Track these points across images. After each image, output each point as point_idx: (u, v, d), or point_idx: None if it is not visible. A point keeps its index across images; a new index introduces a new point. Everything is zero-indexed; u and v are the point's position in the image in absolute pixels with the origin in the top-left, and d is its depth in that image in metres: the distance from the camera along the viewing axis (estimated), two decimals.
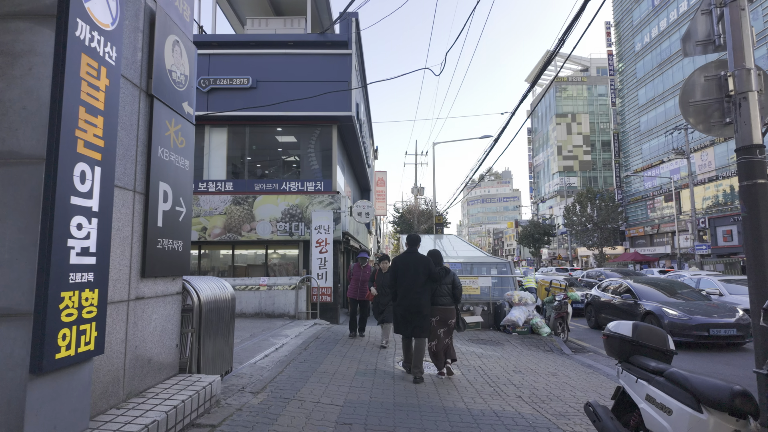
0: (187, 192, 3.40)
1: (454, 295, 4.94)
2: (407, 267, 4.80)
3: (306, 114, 10.69)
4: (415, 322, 4.63)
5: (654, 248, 41.17)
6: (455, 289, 4.95)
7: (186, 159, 3.43)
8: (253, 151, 11.74)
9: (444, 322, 4.87)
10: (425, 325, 4.67)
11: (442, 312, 4.87)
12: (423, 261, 4.82)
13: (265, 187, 10.91)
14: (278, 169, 11.75)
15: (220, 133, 11.29)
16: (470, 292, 9.22)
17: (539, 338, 8.26)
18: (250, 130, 11.48)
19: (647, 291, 9.03)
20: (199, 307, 3.43)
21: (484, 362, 5.91)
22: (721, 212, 33.95)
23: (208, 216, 10.68)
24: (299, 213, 10.56)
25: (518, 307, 8.68)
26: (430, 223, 31.38)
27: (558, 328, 8.65)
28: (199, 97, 10.87)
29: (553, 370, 5.78)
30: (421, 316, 4.64)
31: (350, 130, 11.64)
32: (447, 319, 4.89)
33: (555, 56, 7.32)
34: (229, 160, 11.35)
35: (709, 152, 35.33)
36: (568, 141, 62.18)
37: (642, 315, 8.46)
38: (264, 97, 10.69)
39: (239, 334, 6.99)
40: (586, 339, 9.07)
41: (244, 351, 5.45)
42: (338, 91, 10.16)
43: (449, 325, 4.92)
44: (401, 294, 4.74)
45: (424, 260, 4.83)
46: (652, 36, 42.69)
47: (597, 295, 10.45)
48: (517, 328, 8.51)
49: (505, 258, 10.83)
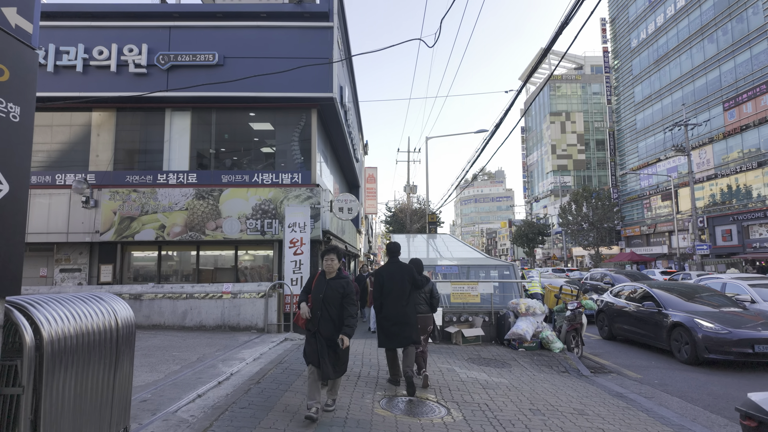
0: (12, 158, 2.04)
1: (431, 303, 5.08)
2: (392, 277, 4.70)
3: (281, 95, 9.33)
4: (404, 333, 4.57)
5: (650, 248, 40.38)
6: (432, 298, 5.08)
7: (13, 103, 2.06)
8: (222, 139, 10.33)
9: (424, 329, 5.01)
10: (414, 333, 4.62)
11: (422, 320, 4.98)
12: (407, 270, 4.78)
13: (234, 179, 9.52)
14: (251, 159, 10.36)
15: (182, 117, 9.88)
16: (468, 299, 7.93)
17: (550, 355, 7.00)
18: (218, 114, 10.07)
19: (672, 298, 7.82)
20: (40, 347, 2.08)
21: (492, 396, 4.61)
22: (720, 211, 33.20)
23: (168, 212, 9.26)
24: (273, 209, 9.19)
25: (525, 318, 7.41)
26: (423, 222, 30.13)
27: (571, 342, 7.40)
28: (158, 75, 9.46)
29: (579, 406, 4.50)
30: (410, 326, 4.60)
31: (332, 115, 10.29)
32: (426, 326, 5.05)
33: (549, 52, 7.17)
34: (194, 149, 9.94)
35: (708, 150, 34.56)
36: (562, 140, 61.44)
37: (669, 327, 7.24)
38: (232, 76, 9.31)
39: (183, 356, 5.61)
40: (602, 354, 7.83)
41: (173, 388, 4.09)
42: (317, 65, 8.82)
43: (428, 331, 5.11)
44: (388, 305, 4.61)
45: (408, 269, 4.79)
46: (648, 32, 41.93)
47: (610, 302, 9.23)
48: (524, 343, 7.24)
49: (504, 258, 9.55)
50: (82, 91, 9.35)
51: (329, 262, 3.71)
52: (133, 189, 9.42)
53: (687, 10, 36.95)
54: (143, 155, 10.03)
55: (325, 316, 3.55)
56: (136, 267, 10.18)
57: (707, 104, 34.39)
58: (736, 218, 31.56)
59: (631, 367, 6.77)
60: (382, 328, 4.64)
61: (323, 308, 3.56)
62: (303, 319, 3.66)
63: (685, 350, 6.89)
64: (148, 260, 10.17)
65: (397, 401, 4.22)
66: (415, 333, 4.60)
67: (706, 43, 35.10)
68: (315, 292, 3.67)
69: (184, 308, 7.99)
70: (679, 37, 37.97)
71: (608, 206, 39.91)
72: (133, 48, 9.42)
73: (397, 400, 4.23)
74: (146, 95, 9.30)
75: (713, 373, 6.28)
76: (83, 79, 9.42)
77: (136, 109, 9.96)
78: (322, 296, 3.58)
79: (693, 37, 36.23)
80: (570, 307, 7.54)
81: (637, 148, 43.14)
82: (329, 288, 3.62)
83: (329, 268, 3.70)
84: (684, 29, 37.43)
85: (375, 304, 4.75)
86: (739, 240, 31.52)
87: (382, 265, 5.15)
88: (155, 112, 9.92)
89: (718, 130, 33.25)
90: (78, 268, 9.72)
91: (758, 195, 30.20)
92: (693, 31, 36.24)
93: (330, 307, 3.55)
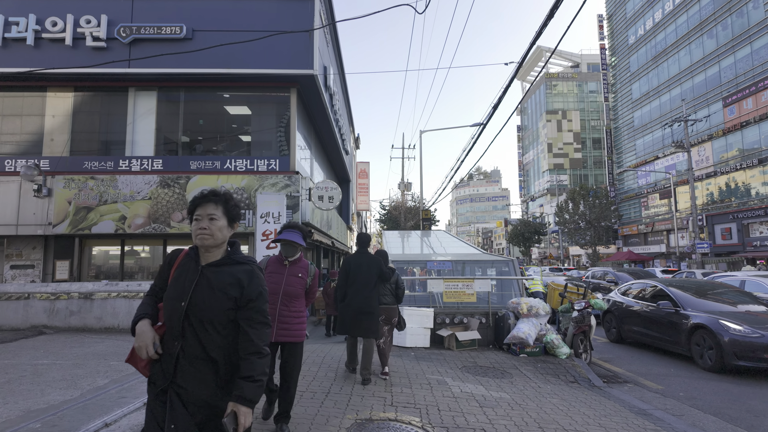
0: None
1: (396, 294, 5.05)
2: (359, 267, 4.68)
3: (256, 72, 8.40)
4: (365, 323, 4.52)
5: (648, 247, 39.79)
6: (398, 289, 5.05)
7: None
8: (192, 122, 9.39)
9: (388, 321, 5.01)
10: (375, 326, 4.59)
11: (387, 311, 4.97)
12: (375, 261, 4.75)
13: (204, 166, 8.59)
14: (225, 144, 9.42)
15: (147, 97, 8.92)
16: (463, 299, 7.05)
17: (556, 361, 6.13)
18: (187, 94, 9.13)
19: (691, 297, 6.98)
20: None
21: (491, 418, 3.72)
22: (719, 209, 32.62)
23: (129, 202, 8.30)
24: (246, 198, 8.26)
25: (527, 320, 6.54)
26: (417, 220, 29.31)
27: (579, 346, 6.54)
28: (120, 49, 8.51)
29: (599, 430, 3.63)
30: (372, 317, 4.56)
31: (315, 96, 9.38)
32: (391, 318, 5.03)
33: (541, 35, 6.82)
34: (160, 133, 8.99)
35: (707, 147, 33.99)
36: (559, 138, 60.89)
37: (689, 329, 6.40)
38: (202, 51, 8.38)
39: (122, 368, 4.66)
40: (612, 359, 6.98)
41: (79, 412, 3.16)
42: (296, 32, 7.89)
43: (392, 323, 5.07)
44: (351, 294, 4.59)
45: (376, 260, 4.77)
46: (646, 28, 41.36)
47: (619, 301, 8.39)
48: (526, 348, 6.37)
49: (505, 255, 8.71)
50: (33, 67, 8.37)
51: (199, 223, 1.65)
52: (91, 176, 8.46)
53: (686, 5, 36.38)
54: (104, 139, 9.07)
55: (192, 352, 1.56)
56: (98, 263, 9.21)
57: (706, 101, 33.81)
58: (735, 216, 30.99)
59: (648, 376, 5.92)
60: (343, 316, 4.59)
61: (184, 333, 1.57)
62: (143, 360, 1.64)
63: (708, 356, 6.05)
64: (111, 256, 9.21)
65: (370, 429, 3.32)
66: (376, 325, 4.58)
67: (705, 39, 34.53)
68: (171, 294, 1.64)
69: (128, 309, 7.04)
70: (677, 33, 37.40)
71: (605, 204, 39.26)
72: (91, 19, 8.46)
73: (370, 427, 3.34)
74: (106, 71, 8.36)
75: (745, 383, 5.44)
76: (35, 53, 8.45)
77: (95, 89, 8.99)
78: (185, 304, 1.58)
79: (692, 33, 35.66)
80: (577, 307, 6.68)
81: (635, 146, 42.56)
82: (206, 286, 1.61)
83: (204, 240, 1.63)
84: (683, 25, 36.86)
85: (338, 292, 4.72)
86: (739, 238, 30.95)
87: (350, 255, 5.08)
88: (117, 92, 8.96)
89: (717, 127, 32.67)
90: (31, 264, 8.74)
91: (758, 193, 29.63)
92: (692, 26, 35.67)
93: (203, 332, 1.56)
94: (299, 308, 3.21)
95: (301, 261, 3.29)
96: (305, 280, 3.25)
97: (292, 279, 3.19)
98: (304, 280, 3.25)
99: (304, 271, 3.25)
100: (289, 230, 3.15)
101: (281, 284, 3.15)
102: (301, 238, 3.11)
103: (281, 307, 3.13)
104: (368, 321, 4.50)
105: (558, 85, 62.20)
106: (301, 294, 3.23)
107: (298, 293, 3.20)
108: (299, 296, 3.21)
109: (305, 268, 3.28)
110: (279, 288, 3.14)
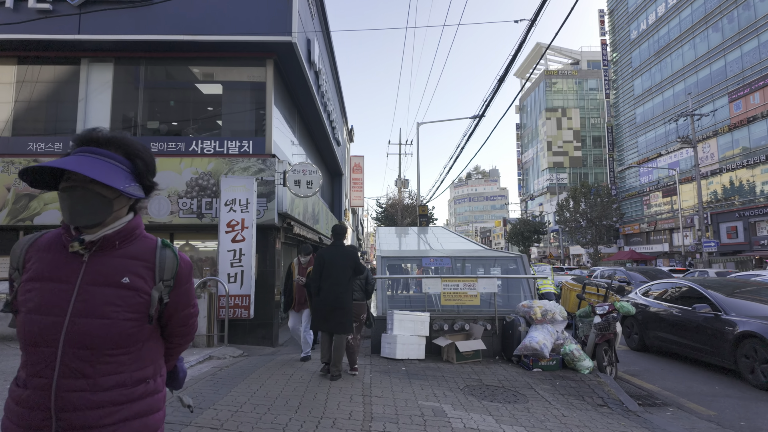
0: None
1: (366, 290, 4.93)
2: (334, 260, 4.51)
3: (226, 39, 7.29)
4: (338, 318, 4.40)
5: (650, 246, 38.86)
6: (368, 284, 4.94)
7: None
8: (154, 99, 8.24)
9: (357, 317, 4.81)
10: (347, 322, 4.44)
11: (356, 307, 4.78)
12: (350, 254, 4.61)
13: (166, 148, 7.47)
14: (192, 124, 8.27)
15: (102, 70, 7.79)
16: (465, 301, 5.96)
17: (578, 378, 5.05)
18: (149, 67, 7.99)
19: (734, 299, 5.92)
20: None
21: None
22: (724, 208, 31.70)
23: None
24: (213, 185, 7.14)
25: (541, 327, 5.46)
26: (414, 218, 28.24)
27: (603, 358, 5.46)
28: (67, 11, 7.36)
29: None
30: (345, 312, 4.43)
31: (295, 70, 8.28)
32: (359, 314, 4.86)
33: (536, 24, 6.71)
34: (117, 111, 7.85)
35: (712, 143, 33.07)
36: (558, 136, 60.00)
37: (735, 338, 5.33)
38: (163, 17, 7.27)
39: None
40: (640, 372, 5.91)
41: None
42: None
43: (361, 320, 4.91)
44: (326, 288, 4.43)
45: (352, 253, 4.63)
46: (649, 23, 40.44)
47: (642, 304, 7.32)
48: (540, 361, 5.29)
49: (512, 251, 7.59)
50: None
51: None
52: (35, 159, 7.32)
53: None
54: (51, 117, 7.92)
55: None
56: None
57: (711, 96, 32.89)
58: (742, 214, 30.08)
59: (690, 396, 4.86)
60: (317, 311, 4.51)
61: None
62: None
63: (762, 372, 4.99)
64: None
65: None
66: (348, 320, 4.47)
67: (710, 32, 33.61)
68: None
69: None
70: (681, 27, 36.49)
71: (607, 203, 38.29)
72: None
73: None
74: (54, 38, 7.24)
75: None
76: None
77: (42, 59, 7.86)
78: None
79: (696, 27, 34.74)
80: (599, 311, 5.61)
81: (637, 143, 41.64)
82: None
83: None
84: (687, 18, 35.94)
85: (312, 285, 4.56)
86: (745, 237, 30.03)
87: (325, 247, 4.85)
88: (68, 64, 7.83)
89: (723, 123, 31.75)
90: None
91: (765, 191, 28.71)
92: (696, 20, 34.75)
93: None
94: (121, 370, 1.07)
95: (133, 240, 1.16)
96: (145, 292, 1.12)
97: (98, 293, 1.06)
98: (142, 296, 1.11)
99: (140, 267, 1.13)
100: (85, 150, 1.11)
101: (66, 307, 1.04)
102: (119, 173, 1.09)
103: (61, 372, 1.03)
104: (340, 316, 4.40)
105: (558, 82, 61.30)
106: (132, 334, 1.08)
107: (118, 332, 1.05)
108: (123, 339, 1.06)
109: (145, 259, 1.15)
110: (60, 319, 1.04)
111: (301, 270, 5.46)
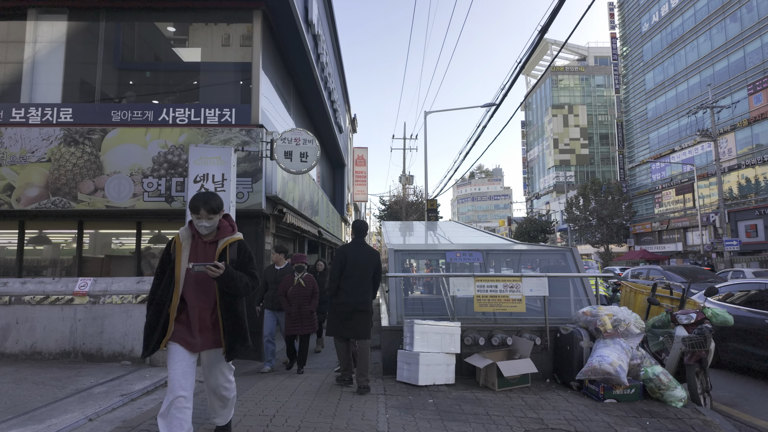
0: None
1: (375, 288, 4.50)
2: (357, 259, 4.11)
3: None
4: (360, 322, 4.04)
5: (663, 245, 37.41)
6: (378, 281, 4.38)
7: None
8: (117, 59, 6.85)
9: None
10: (370, 327, 4.11)
11: None
12: (373, 253, 4.23)
13: (132, 116, 6.10)
14: (163, 89, 6.88)
15: (54, 24, 6.42)
16: (505, 307, 4.57)
17: (670, 413, 3.67)
18: (110, 21, 6.61)
19: None
20: None
21: None
22: (743, 205, 30.26)
23: (19, 165, 5.82)
24: (186, 161, 5.77)
25: (612, 342, 4.07)
26: (419, 215, 26.90)
27: (696, 384, 4.07)
28: None
29: None
30: (367, 315, 4.10)
31: (289, 28, 6.90)
32: None
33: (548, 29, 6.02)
34: (72, 73, 6.49)
35: (730, 138, 31.62)
36: (565, 134, 58.55)
37: None
38: None
39: None
40: (734, 400, 4.54)
41: None
42: None
43: None
44: (348, 290, 4.02)
45: (374, 253, 4.24)
46: (661, 14, 39.00)
47: None
48: (615, 390, 3.90)
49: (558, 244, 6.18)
50: None
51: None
52: None
53: None
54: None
55: None
56: None
57: (729, 88, 31.44)
58: (762, 212, 28.65)
59: None
60: (335, 314, 4.09)
61: None
62: None
63: None
64: (6, 242, 6.72)
65: None
66: (370, 324, 4.13)
67: (728, 23, 32.17)
68: None
69: (6, 320, 4.56)
70: (696, 18, 35.05)
71: (618, 201, 36.84)
72: None
73: None
74: None
75: None
76: None
77: None
78: None
79: (713, 17, 33.30)
80: (683, 319, 4.23)
81: (648, 139, 40.19)
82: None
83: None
84: (702, 9, 34.51)
85: (331, 286, 4.13)
86: (766, 236, 28.59)
87: (346, 244, 4.42)
88: (11, 16, 6.47)
89: (742, 116, 30.31)
90: None
91: None
92: (713, 10, 33.32)
93: None
94: None
95: None
96: None
97: None
98: None
99: None
100: None
101: None
102: None
103: None
104: (363, 319, 4.08)
105: (564, 78, 59.84)
106: None
107: None
108: None
109: None
110: None
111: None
